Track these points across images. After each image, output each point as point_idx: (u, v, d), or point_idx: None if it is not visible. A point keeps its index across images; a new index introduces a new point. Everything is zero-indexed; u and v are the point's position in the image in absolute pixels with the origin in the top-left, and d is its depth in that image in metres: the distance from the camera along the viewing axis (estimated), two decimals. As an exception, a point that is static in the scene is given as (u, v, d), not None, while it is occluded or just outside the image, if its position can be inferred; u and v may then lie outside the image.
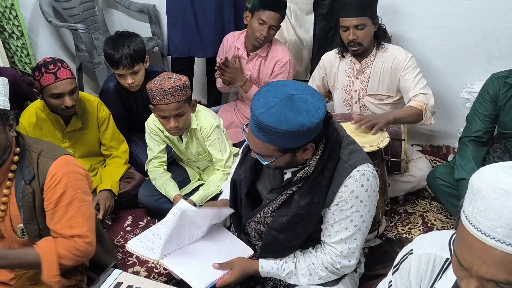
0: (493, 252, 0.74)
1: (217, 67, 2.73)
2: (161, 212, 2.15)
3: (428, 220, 2.38)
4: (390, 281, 1.11)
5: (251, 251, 1.64)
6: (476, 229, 0.76)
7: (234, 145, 2.57)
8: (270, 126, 1.26)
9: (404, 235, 2.28)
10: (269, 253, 1.57)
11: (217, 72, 2.74)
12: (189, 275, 1.53)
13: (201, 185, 2.35)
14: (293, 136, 1.27)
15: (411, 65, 2.29)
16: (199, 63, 3.45)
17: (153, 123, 2.26)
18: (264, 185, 1.60)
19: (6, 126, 1.45)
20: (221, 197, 1.91)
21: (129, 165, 2.59)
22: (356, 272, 1.65)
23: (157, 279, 2.09)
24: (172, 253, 1.62)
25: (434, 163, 2.84)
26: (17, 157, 1.50)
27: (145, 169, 2.40)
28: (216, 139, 2.21)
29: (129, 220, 2.49)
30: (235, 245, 1.68)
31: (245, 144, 1.62)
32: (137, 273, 2.12)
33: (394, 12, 2.73)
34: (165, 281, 2.05)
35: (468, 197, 0.80)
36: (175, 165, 2.52)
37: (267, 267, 1.56)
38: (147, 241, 1.69)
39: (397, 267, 1.09)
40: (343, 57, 2.45)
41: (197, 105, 2.19)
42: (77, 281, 1.63)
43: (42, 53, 3.38)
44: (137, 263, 2.19)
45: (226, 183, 1.89)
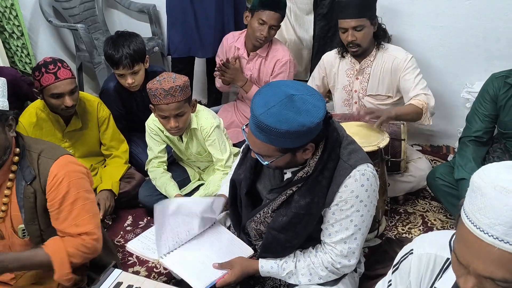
0: (491, 249, 0.74)
1: (217, 68, 2.73)
2: (161, 212, 2.15)
3: (428, 220, 2.38)
4: (389, 280, 1.11)
5: (251, 251, 1.64)
6: (475, 226, 0.76)
7: (234, 145, 2.57)
8: (270, 126, 1.25)
9: (404, 235, 2.28)
10: (269, 253, 1.57)
11: (216, 72, 2.75)
12: (189, 274, 1.53)
13: (201, 185, 2.35)
14: (293, 136, 1.27)
15: (411, 65, 2.29)
16: (199, 63, 3.45)
17: (153, 123, 2.26)
18: (264, 185, 1.60)
19: (5, 127, 1.45)
20: (218, 192, 1.90)
21: (129, 165, 2.59)
22: (356, 272, 1.65)
23: (157, 279, 2.09)
24: (172, 253, 1.62)
25: (434, 163, 2.84)
26: (17, 158, 1.50)
27: (145, 169, 2.40)
28: (216, 139, 2.21)
29: (129, 220, 2.50)
30: (235, 244, 1.67)
31: (245, 144, 1.62)
32: (137, 273, 2.12)
33: (394, 12, 2.73)
34: (165, 281, 2.05)
35: (468, 194, 0.80)
36: (175, 165, 2.52)
37: (267, 267, 1.56)
38: (147, 241, 1.69)
39: (396, 266, 1.09)
40: (343, 57, 2.45)
41: (197, 105, 2.19)
42: (77, 280, 1.62)
43: (42, 53, 3.38)
44: (137, 263, 2.19)
45: (225, 180, 1.89)
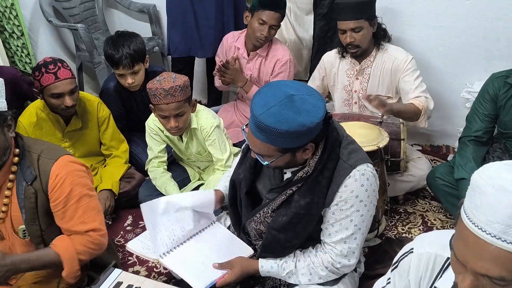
0: (488, 247, 0.75)
1: (216, 69, 2.73)
2: (161, 212, 2.15)
3: (428, 219, 2.38)
4: (388, 278, 1.12)
5: (251, 251, 1.64)
6: (473, 224, 0.77)
7: (234, 145, 2.57)
8: (270, 126, 1.25)
9: (404, 235, 2.28)
10: (269, 253, 1.57)
11: (215, 71, 2.74)
12: (189, 274, 1.53)
13: (201, 184, 2.35)
14: (293, 136, 1.27)
15: (411, 67, 2.29)
16: (199, 63, 3.45)
17: (153, 122, 2.26)
18: (263, 184, 1.60)
19: (4, 127, 1.44)
20: (215, 188, 1.85)
21: (129, 164, 2.59)
22: (356, 271, 1.65)
23: (157, 278, 2.09)
24: (172, 253, 1.62)
25: (434, 162, 2.84)
26: (17, 158, 1.50)
27: (145, 168, 2.40)
28: (216, 138, 2.21)
29: (129, 220, 2.50)
30: (235, 244, 1.67)
31: (245, 144, 1.62)
32: (137, 272, 2.12)
33: (394, 12, 2.73)
34: (165, 280, 2.05)
35: (468, 192, 0.81)
36: (175, 164, 2.52)
37: (267, 267, 1.56)
38: (147, 241, 1.68)
39: (396, 264, 1.09)
40: (343, 57, 2.45)
41: (197, 105, 2.20)
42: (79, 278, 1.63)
43: (42, 53, 3.39)
44: (137, 263, 2.20)
45: (224, 177, 1.87)
